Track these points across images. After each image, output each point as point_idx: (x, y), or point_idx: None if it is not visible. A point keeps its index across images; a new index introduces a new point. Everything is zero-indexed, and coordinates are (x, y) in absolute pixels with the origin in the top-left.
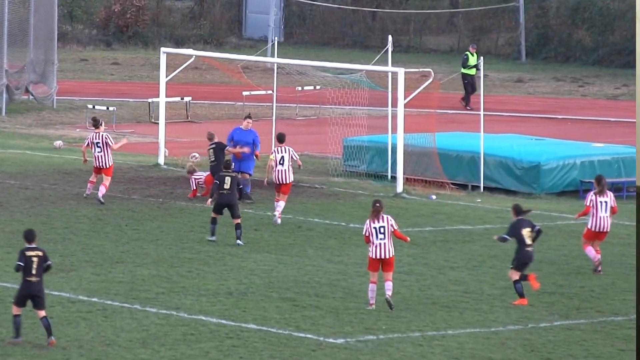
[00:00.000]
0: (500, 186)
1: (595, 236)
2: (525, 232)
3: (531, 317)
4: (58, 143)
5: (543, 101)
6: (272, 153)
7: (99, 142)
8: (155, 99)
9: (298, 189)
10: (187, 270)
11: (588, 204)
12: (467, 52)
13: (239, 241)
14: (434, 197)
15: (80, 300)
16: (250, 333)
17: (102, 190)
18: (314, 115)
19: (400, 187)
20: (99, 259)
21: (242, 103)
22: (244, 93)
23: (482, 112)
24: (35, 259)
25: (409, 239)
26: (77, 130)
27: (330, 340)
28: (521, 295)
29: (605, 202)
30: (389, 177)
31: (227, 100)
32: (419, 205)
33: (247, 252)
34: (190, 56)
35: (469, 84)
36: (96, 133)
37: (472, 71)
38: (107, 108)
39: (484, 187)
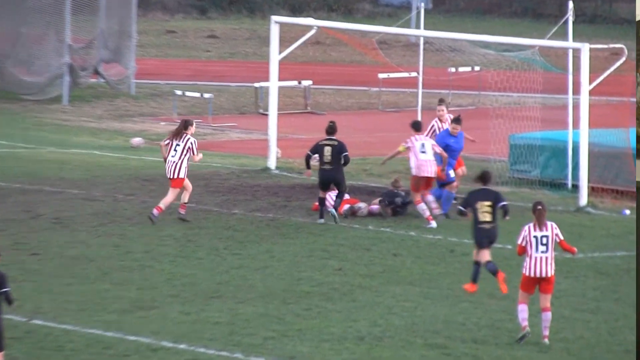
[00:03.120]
0: None
1: None
2: (481, 205)
3: None
4: (136, 141)
5: None
6: (404, 142)
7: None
8: (264, 84)
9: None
10: (304, 307)
11: None
12: None
13: (333, 210)
14: (627, 211)
15: (164, 348)
16: None
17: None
18: (471, 105)
19: (583, 199)
20: (189, 293)
21: (377, 89)
22: (381, 76)
23: None
24: None
25: (576, 250)
26: (162, 123)
27: None
28: (473, 281)
29: None
30: (569, 186)
31: (358, 85)
32: (608, 223)
33: (383, 283)
34: (310, 27)
35: None
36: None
37: None
38: (202, 95)
39: None
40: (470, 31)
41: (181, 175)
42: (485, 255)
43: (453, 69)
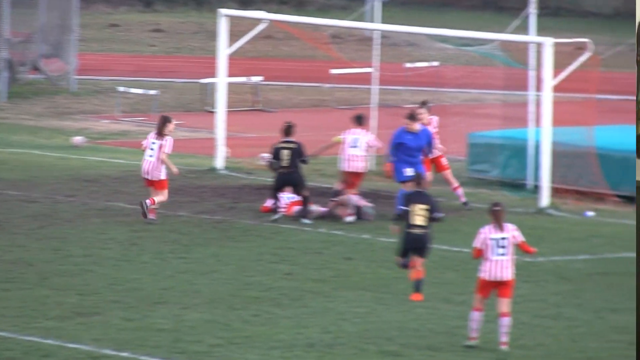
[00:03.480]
0: None
1: None
2: (417, 208)
3: None
4: (78, 139)
5: None
6: (342, 134)
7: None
8: (212, 80)
9: None
10: (252, 313)
11: None
12: None
13: (304, 220)
14: (590, 213)
15: (106, 356)
16: None
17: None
18: (428, 102)
19: (545, 201)
20: (132, 298)
21: (330, 85)
22: (333, 71)
23: None
24: None
25: (535, 250)
26: (104, 121)
27: None
28: (417, 290)
29: None
30: (531, 186)
31: (310, 81)
32: (570, 225)
33: (334, 288)
34: (260, 21)
35: None
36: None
37: None
38: (146, 91)
39: None
40: (428, 25)
41: (162, 177)
42: (417, 263)
43: (410, 64)
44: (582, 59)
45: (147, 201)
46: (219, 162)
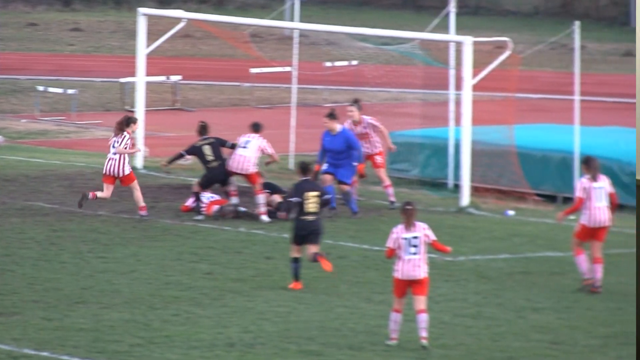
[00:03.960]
0: None
1: (592, 234)
2: (309, 196)
3: None
4: None
5: None
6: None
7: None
8: (131, 79)
9: None
10: (172, 313)
11: (580, 194)
12: None
13: (241, 208)
14: (511, 212)
15: (26, 355)
16: None
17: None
18: (348, 101)
19: (465, 200)
20: (52, 298)
21: (249, 84)
22: (253, 71)
23: (577, 97)
24: None
25: (449, 249)
26: (23, 121)
27: None
28: (295, 278)
29: (601, 188)
30: (451, 185)
31: (229, 80)
32: (490, 224)
33: (255, 288)
34: (179, 20)
35: None
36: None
37: None
38: (65, 91)
39: None
40: (348, 23)
41: (126, 172)
42: (312, 250)
43: (329, 63)
44: (502, 58)
45: (143, 213)
46: (139, 161)
